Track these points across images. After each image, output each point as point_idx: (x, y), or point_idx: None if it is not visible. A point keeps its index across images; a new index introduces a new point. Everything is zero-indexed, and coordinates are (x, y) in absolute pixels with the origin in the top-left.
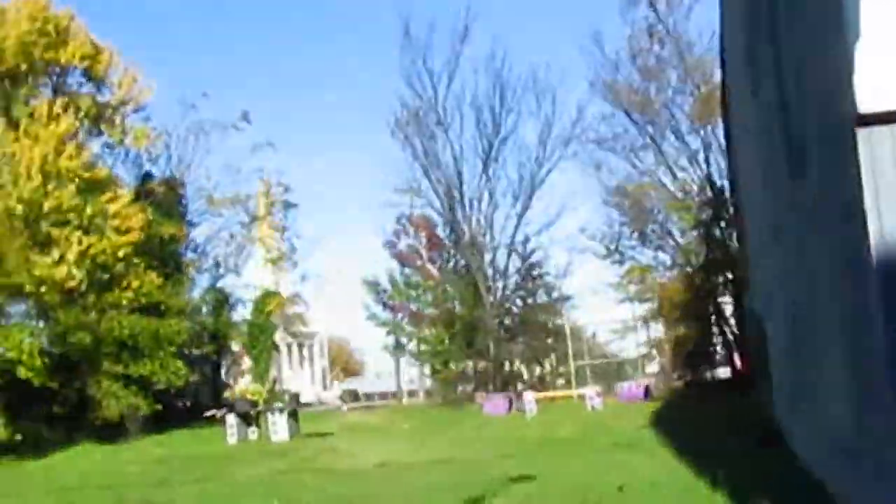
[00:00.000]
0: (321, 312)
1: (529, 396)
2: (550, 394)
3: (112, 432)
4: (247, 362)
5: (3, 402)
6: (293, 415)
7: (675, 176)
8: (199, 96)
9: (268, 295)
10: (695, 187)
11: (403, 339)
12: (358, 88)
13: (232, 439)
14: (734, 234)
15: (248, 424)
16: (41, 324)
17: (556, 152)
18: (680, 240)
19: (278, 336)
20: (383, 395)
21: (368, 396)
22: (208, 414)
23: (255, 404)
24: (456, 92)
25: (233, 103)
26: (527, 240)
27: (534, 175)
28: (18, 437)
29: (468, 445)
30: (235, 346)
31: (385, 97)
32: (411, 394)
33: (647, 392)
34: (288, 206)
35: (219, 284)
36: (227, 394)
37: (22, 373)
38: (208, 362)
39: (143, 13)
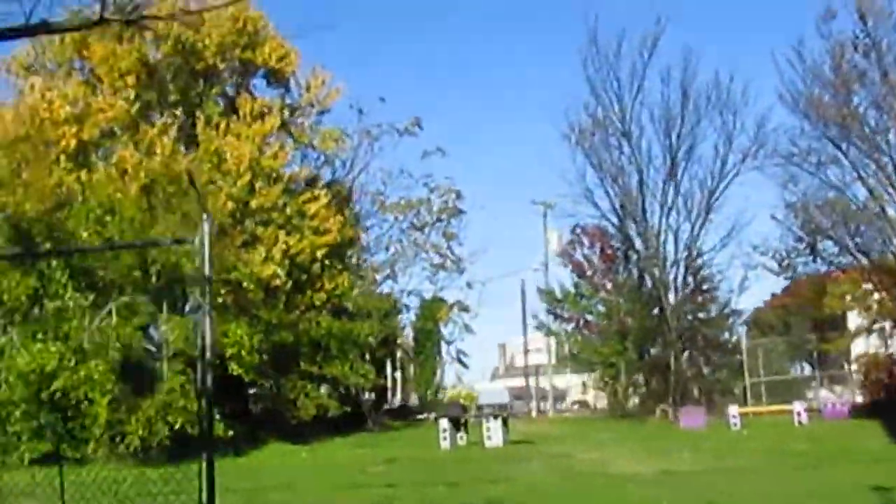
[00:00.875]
0: None
1: (734, 410)
2: (753, 409)
3: (302, 432)
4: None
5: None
6: (504, 421)
7: (870, 191)
8: (372, 100)
9: (435, 301)
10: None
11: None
12: (531, 95)
13: (445, 443)
14: None
15: (457, 429)
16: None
17: (737, 166)
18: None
19: None
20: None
21: None
22: (420, 417)
23: (465, 409)
24: (641, 102)
25: (403, 107)
26: (701, 253)
27: (713, 189)
28: (230, 433)
29: (716, 456)
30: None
31: (558, 105)
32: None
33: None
34: (458, 212)
35: (382, 289)
36: (441, 397)
37: (234, 368)
38: (378, 366)
39: (317, 15)
